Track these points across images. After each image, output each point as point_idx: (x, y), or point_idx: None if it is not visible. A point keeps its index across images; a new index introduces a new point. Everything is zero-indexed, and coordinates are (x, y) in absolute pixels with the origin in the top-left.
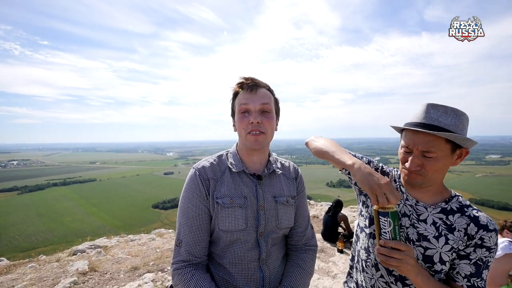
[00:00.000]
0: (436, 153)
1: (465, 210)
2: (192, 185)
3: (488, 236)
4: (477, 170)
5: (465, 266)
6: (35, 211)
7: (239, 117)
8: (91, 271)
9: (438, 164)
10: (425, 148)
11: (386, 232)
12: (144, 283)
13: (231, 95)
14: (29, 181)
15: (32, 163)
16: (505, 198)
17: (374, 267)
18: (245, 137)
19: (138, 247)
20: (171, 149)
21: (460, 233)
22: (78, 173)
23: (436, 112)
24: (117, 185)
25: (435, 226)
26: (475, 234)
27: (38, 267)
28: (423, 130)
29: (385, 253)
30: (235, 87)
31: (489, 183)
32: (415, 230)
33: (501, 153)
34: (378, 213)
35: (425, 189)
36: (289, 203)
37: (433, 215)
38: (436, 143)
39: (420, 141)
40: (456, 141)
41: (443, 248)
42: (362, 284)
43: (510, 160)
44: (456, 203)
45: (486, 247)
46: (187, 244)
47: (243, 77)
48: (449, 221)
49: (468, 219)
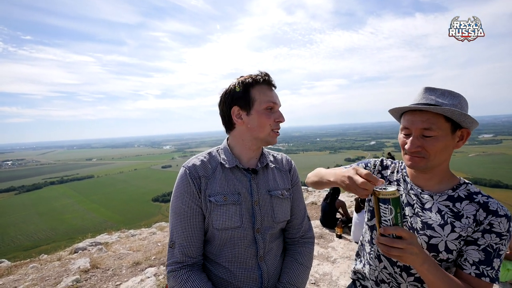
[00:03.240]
0: (435, 132)
1: (474, 197)
2: (183, 184)
3: (497, 221)
4: (470, 150)
5: (473, 252)
6: (34, 210)
7: (265, 113)
8: (93, 268)
9: (438, 144)
10: (424, 125)
11: (387, 220)
12: (146, 278)
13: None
14: (26, 181)
15: (27, 163)
16: (497, 176)
17: (377, 259)
18: (269, 133)
19: (139, 241)
20: (168, 142)
21: (468, 220)
22: (75, 171)
23: (433, 93)
24: (116, 181)
25: (440, 214)
26: (484, 220)
27: (40, 267)
28: (421, 107)
29: (387, 242)
30: (254, 76)
31: (482, 162)
32: (418, 218)
33: (494, 132)
34: (378, 200)
35: (430, 176)
36: (284, 196)
37: (439, 203)
38: (435, 120)
39: (418, 120)
40: (455, 117)
41: (449, 236)
42: (366, 275)
43: (502, 139)
44: (464, 190)
45: (496, 233)
46: (180, 245)
47: (264, 72)
48: (456, 209)
49: (477, 205)
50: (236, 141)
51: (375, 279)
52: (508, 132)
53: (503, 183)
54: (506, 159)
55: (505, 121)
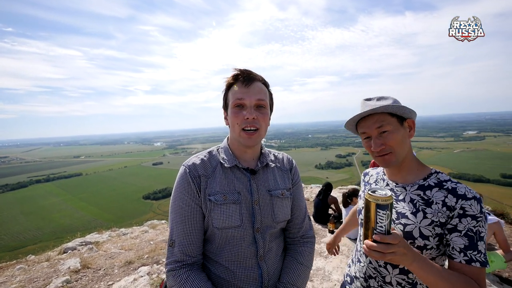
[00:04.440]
0: (388, 127)
1: (444, 184)
2: (183, 183)
3: (468, 204)
4: (455, 146)
5: (457, 239)
6: (19, 209)
7: (233, 111)
8: (84, 268)
9: (396, 136)
10: (377, 125)
11: (382, 226)
12: (139, 277)
13: (223, 85)
14: (10, 179)
15: (11, 160)
16: (480, 171)
17: (364, 254)
18: (239, 134)
19: (131, 240)
20: (159, 139)
21: (438, 205)
22: (62, 168)
23: (372, 100)
24: (105, 178)
25: (412, 203)
26: (455, 205)
27: (27, 268)
28: (368, 111)
29: (382, 250)
30: (229, 78)
31: (466, 158)
32: (394, 210)
33: (478, 129)
34: (377, 206)
35: (400, 169)
36: (285, 195)
37: (411, 193)
38: (383, 118)
39: (371, 123)
40: (394, 110)
41: (421, 222)
42: (355, 274)
43: (485, 135)
44: (434, 179)
45: (470, 216)
46: (180, 244)
47: (238, 69)
48: (427, 196)
49: (446, 191)
50: (231, 141)
51: (364, 276)
52: (491, 129)
53: (485, 178)
54: (489, 155)
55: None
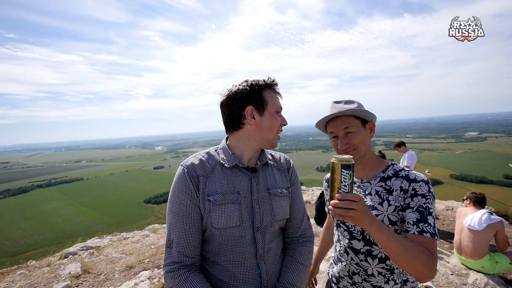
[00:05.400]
0: (352, 128)
1: (399, 173)
2: (181, 183)
3: (418, 185)
4: (457, 147)
5: (410, 214)
6: (21, 214)
7: (275, 116)
8: (85, 273)
9: (358, 136)
10: (343, 125)
11: (345, 186)
12: (140, 282)
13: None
14: (11, 184)
15: (13, 166)
16: (482, 172)
17: (345, 253)
18: (274, 136)
19: (132, 244)
20: (160, 143)
21: (397, 192)
22: (63, 173)
23: (339, 104)
24: (106, 183)
25: (377, 195)
26: (408, 187)
27: (28, 273)
28: (336, 113)
29: (345, 206)
30: (267, 81)
31: (468, 159)
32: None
33: (479, 130)
34: (342, 166)
35: (363, 166)
36: (284, 194)
37: (375, 186)
38: (349, 120)
39: (338, 123)
40: (359, 114)
41: (388, 210)
42: (339, 274)
43: (487, 136)
44: (391, 170)
45: (420, 195)
46: (178, 244)
47: (272, 78)
48: (388, 186)
49: (401, 179)
50: (240, 141)
51: (348, 273)
52: (493, 130)
53: (488, 179)
54: (491, 156)
55: (490, 119)
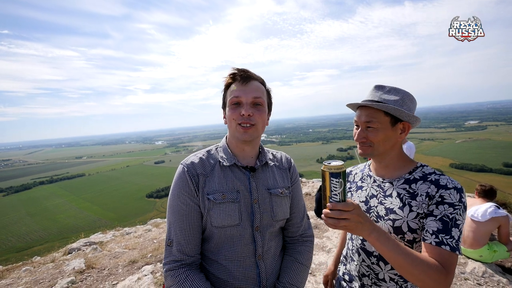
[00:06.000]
0: (376, 124)
1: (428, 177)
2: (181, 181)
3: (447, 193)
4: (457, 137)
5: (431, 223)
6: (25, 211)
7: (230, 109)
8: (88, 269)
9: (379, 134)
10: (366, 119)
11: (336, 194)
12: (143, 276)
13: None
14: (14, 182)
15: (14, 163)
16: (482, 160)
17: (356, 253)
18: (235, 129)
19: (134, 239)
20: (160, 137)
21: (422, 197)
22: (64, 169)
23: (380, 90)
24: (108, 178)
25: (399, 197)
26: (435, 194)
27: (33, 269)
28: (364, 104)
29: (335, 216)
30: (227, 78)
31: (468, 148)
32: (382, 206)
33: (479, 118)
34: (330, 174)
35: (386, 164)
36: (284, 194)
37: (397, 187)
38: (376, 115)
39: (363, 114)
40: (390, 112)
41: (409, 216)
42: (350, 272)
43: (487, 125)
44: (419, 172)
45: (448, 203)
46: (178, 243)
47: (236, 68)
48: (412, 189)
49: (429, 183)
50: (230, 140)
51: (358, 274)
52: (493, 118)
53: (487, 168)
54: (490, 145)
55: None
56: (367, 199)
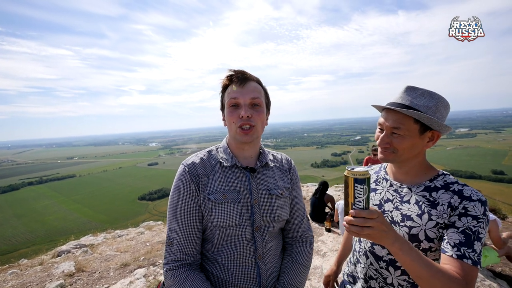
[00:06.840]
0: (403, 131)
1: (450, 186)
2: (182, 182)
3: (471, 205)
4: (448, 144)
5: (453, 235)
6: (11, 212)
7: (229, 111)
8: (78, 272)
9: (405, 142)
10: (393, 124)
11: (360, 201)
12: (136, 279)
13: (218, 85)
14: (1, 182)
15: (2, 163)
16: (471, 167)
17: (364, 255)
18: (235, 131)
19: (126, 242)
20: (154, 139)
21: (443, 207)
22: (55, 170)
23: (412, 93)
24: (99, 180)
25: (418, 205)
26: (459, 205)
27: (20, 272)
28: (393, 108)
29: (359, 223)
30: (224, 80)
31: (458, 155)
32: (398, 212)
33: (469, 126)
34: (355, 180)
35: (406, 170)
36: (284, 195)
37: (416, 194)
38: (404, 121)
39: (390, 119)
40: (421, 120)
41: (427, 224)
42: (356, 274)
43: (476, 133)
44: (441, 181)
45: (471, 216)
46: (179, 243)
47: (233, 70)
48: (432, 198)
49: (452, 193)
50: (230, 141)
51: (364, 277)
52: (482, 126)
53: (477, 174)
54: (480, 152)
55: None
56: (381, 203)
